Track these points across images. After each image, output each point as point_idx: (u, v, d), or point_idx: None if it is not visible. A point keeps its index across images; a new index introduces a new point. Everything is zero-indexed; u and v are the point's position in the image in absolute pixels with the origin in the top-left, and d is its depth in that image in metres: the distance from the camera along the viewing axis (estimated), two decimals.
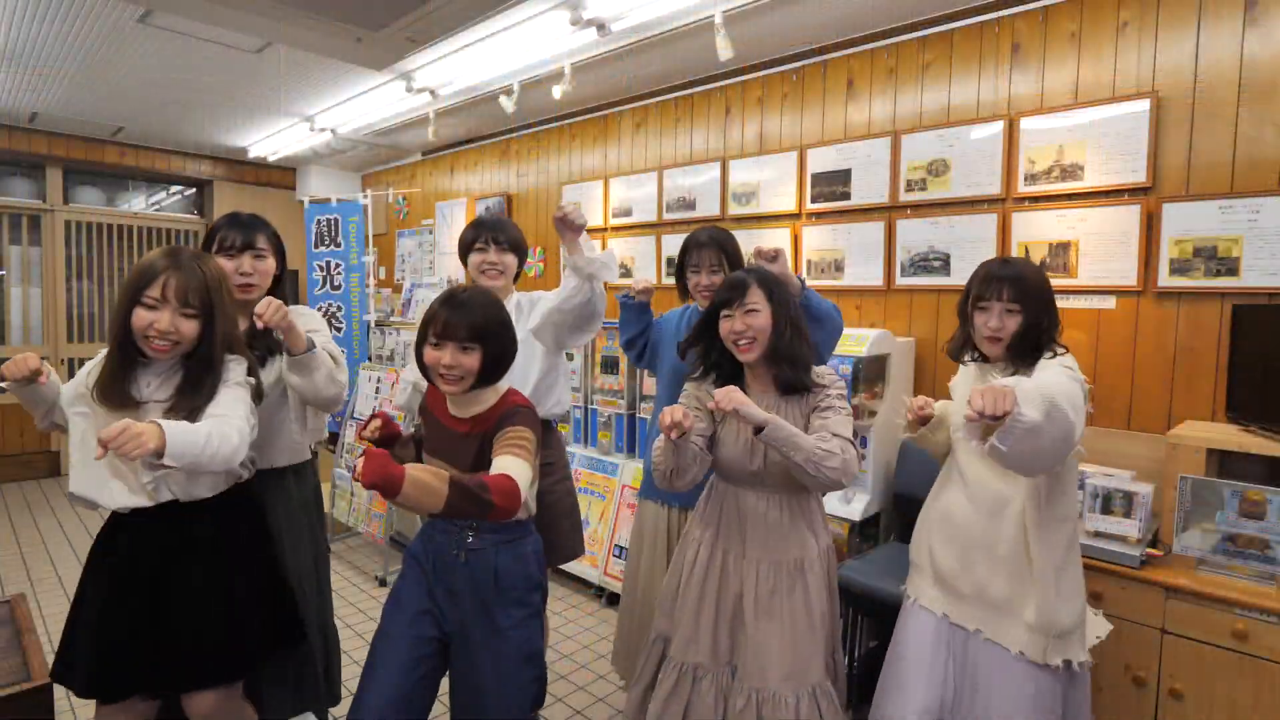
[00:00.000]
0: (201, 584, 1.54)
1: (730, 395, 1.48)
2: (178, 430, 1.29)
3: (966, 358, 1.69)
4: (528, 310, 2.12)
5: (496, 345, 1.50)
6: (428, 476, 1.25)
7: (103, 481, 1.46)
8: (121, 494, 1.47)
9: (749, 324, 1.60)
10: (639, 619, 2.09)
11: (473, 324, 1.47)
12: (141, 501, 1.48)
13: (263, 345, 1.78)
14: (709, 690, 1.63)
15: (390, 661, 1.54)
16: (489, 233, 2.03)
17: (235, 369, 1.55)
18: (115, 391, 1.44)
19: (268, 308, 1.61)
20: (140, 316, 1.42)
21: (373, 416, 1.62)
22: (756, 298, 1.61)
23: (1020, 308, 1.53)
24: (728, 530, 1.68)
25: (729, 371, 1.68)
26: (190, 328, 1.45)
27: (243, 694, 1.67)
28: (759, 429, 1.48)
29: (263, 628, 1.62)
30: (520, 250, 2.09)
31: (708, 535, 1.71)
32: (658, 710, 1.67)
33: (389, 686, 1.51)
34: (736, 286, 1.63)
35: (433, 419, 1.63)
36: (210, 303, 1.46)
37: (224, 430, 1.39)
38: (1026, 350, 1.54)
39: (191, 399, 1.46)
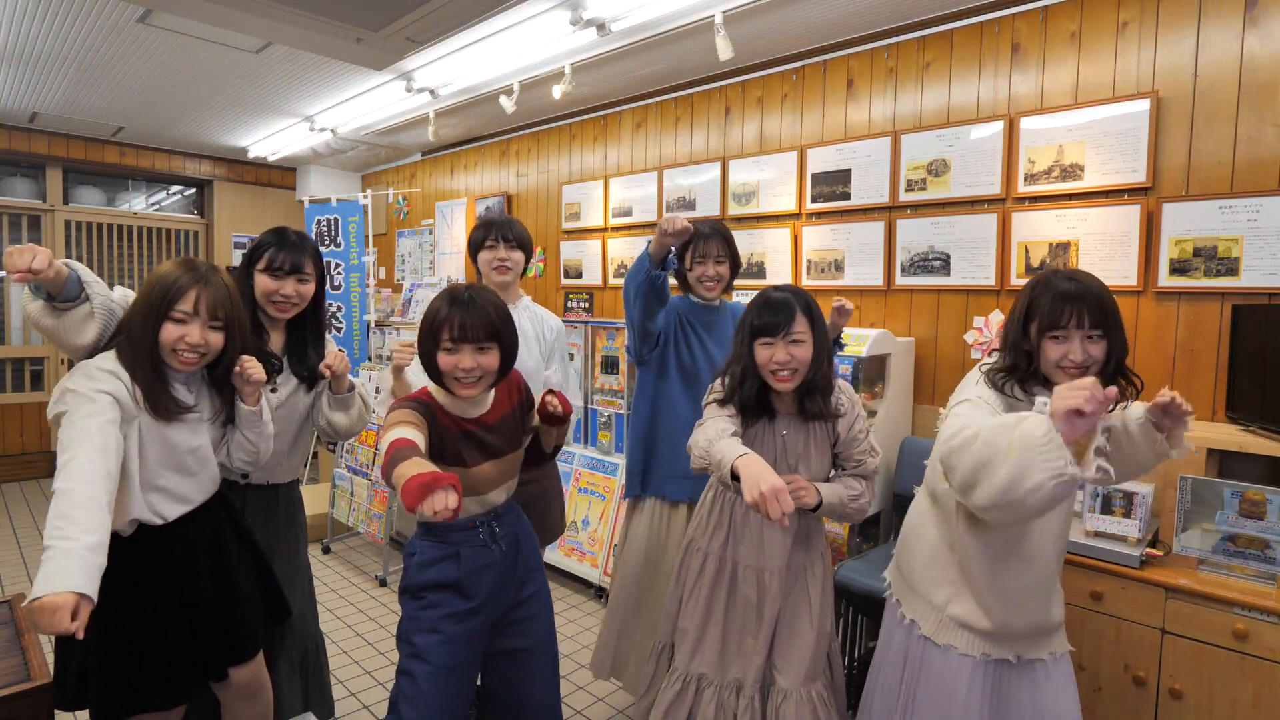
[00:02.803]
0: (232, 564, 1.63)
1: (797, 497, 1.50)
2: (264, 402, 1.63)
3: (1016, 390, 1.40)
4: (539, 325, 2.22)
5: (508, 340, 1.50)
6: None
7: (154, 497, 1.48)
8: (190, 496, 1.54)
9: (793, 355, 1.50)
10: (629, 621, 2.10)
11: (488, 323, 1.43)
12: (207, 494, 1.59)
13: (305, 369, 1.87)
14: (710, 700, 1.61)
15: (451, 691, 1.48)
16: (498, 230, 2.11)
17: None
18: (167, 402, 1.46)
19: (339, 361, 1.83)
20: (170, 331, 1.44)
21: (434, 480, 1.14)
22: (802, 327, 1.52)
23: (1104, 333, 1.33)
24: (736, 539, 1.66)
25: (755, 396, 1.57)
26: (217, 340, 1.49)
27: None
28: (815, 508, 1.57)
29: (265, 600, 1.72)
30: (526, 248, 2.15)
31: (715, 545, 1.68)
32: (659, 718, 1.66)
33: (453, 715, 1.50)
34: (782, 312, 1.51)
35: (457, 433, 1.50)
36: (233, 315, 1.51)
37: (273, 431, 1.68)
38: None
39: (231, 407, 1.60)
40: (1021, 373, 1.39)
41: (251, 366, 1.55)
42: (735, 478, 1.31)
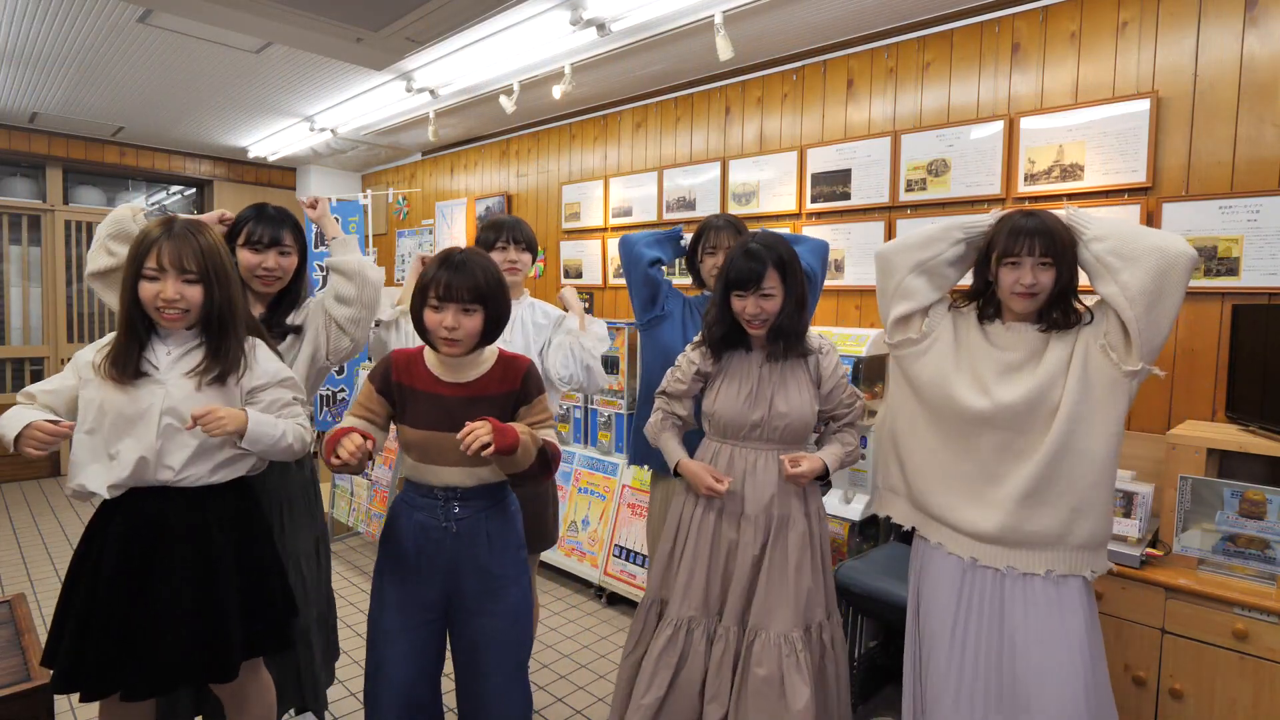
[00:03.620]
0: (193, 571, 1.47)
1: (800, 473, 1.68)
2: (260, 420, 1.46)
3: (967, 308, 1.60)
4: (539, 319, 2.21)
5: (496, 306, 1.52)
6: (527, 436, 1.43)
7: (97, 466, 1.44)
8: (113, 472, 1.43)
9: (762, 307, 1.67)
10: None
11: (474, 285, 1.47)
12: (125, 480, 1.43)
13: (280, 328, 1.85)
14: (700, 639, 1.72)
15: (395, 658, 1.56)
16: (509, 232, 2.14)
17: (274, 364, 1.59)
18: (126, 363, 1.44)
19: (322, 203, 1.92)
20: (145, 289, 1.44)
21: (342, 433, 1.42)
22: (773, 282, 1.66)
23: (1053, 262, 1.44)
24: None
25: (731, 336, 1.74)
26: (194, 293, 1.46)
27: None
28: (826, 473, 1.72)
29: (245, 629, 1.53)
30: (533, 248, 2.20)
31: (701, 494, 1.77)
32: (651, 666, 1.71)
33: (401, 684, 1.56)
34: (754, 270, 1.66)
35: (421, 393, 1.54)
36: (208, 267, 1.47)
37: (299, 433, 1.54)
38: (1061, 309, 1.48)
39: (218, 364, 1.49)
40: (979, 297, 1.57)
41: (209, 422, 1.38)
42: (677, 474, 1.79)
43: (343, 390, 4.64)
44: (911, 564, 1.68)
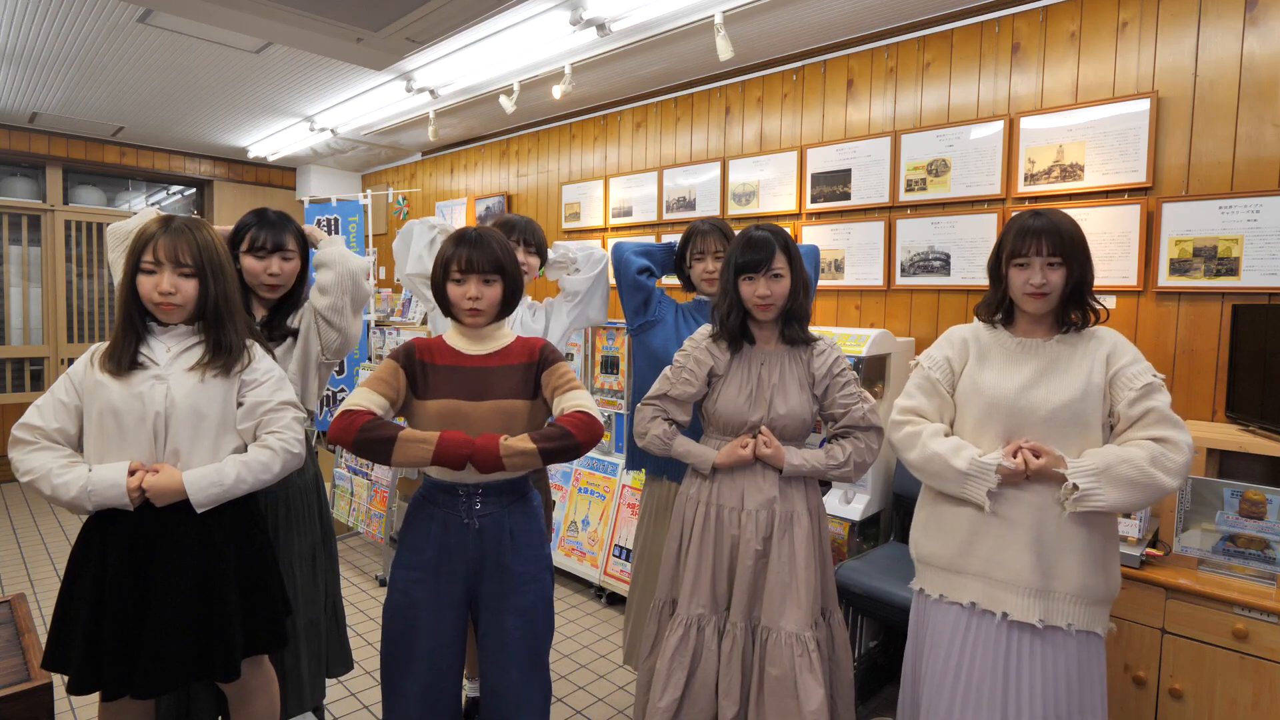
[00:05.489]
0: (195, 572, 1.49)
1: (764, 452, 1.69)
2: (201, 483, 1.45)
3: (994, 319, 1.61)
4: (547, 314, 2.29)
5: (513, 278, 1.61)
6: (518, 444, 1.45)
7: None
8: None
9: (773, 289, 1.69)
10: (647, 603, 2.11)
11: (493, 258, 1.56)
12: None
13: (280, 331, 1.87)
14: (712, 636, 1.71)
15: (420, 655, 1.56)
16: (521, 233, 2.15)
17: (266, 361, 1.60)
18: (122, 356, 1.47)
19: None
20: (143, 283, 1.48)
21: (357, 416, 1.47)
22: (781, 263, 1.69)
23: (1062, 261, 1.45)
24: (723, 484, 1.75)
25: (739, 326, 1.75)
26: (189, 286, 1.49)
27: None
28: (781, 469, 1.71)
29: (245, 628, 1.56)
30: (543, 252, 2.21)
31: (704, 494, 1.77)
32: (665, 668, 1.71)
33: (425, 678, 1.56)
34: (762, 250, 1.68)
35: (441, 367, 1.58)
36: (203, 261, 1.50)
37: (260, 461, 1.51)
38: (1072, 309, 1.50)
39: (220, 356, 1.53)
40: (995, 301, 1.57)
41: (148, 488, 1.42)
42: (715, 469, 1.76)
43: (342, 390, 4.64)
44: (916, 626, 1.64)
